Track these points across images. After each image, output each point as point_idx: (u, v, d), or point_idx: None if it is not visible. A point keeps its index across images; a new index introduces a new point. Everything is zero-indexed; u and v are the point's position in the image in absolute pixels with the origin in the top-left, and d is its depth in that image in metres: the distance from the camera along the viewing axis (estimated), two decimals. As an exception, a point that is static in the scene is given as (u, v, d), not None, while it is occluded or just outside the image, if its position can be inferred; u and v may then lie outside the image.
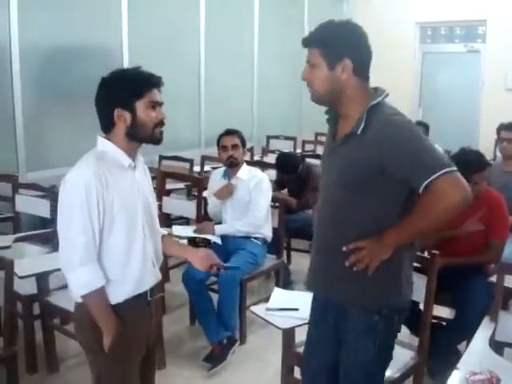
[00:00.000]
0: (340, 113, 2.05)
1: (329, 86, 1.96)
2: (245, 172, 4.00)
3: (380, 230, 1.93)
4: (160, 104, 2.12)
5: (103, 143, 2.07)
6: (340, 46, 1.93)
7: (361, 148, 1.91)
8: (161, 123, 2.11)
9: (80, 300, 2.06)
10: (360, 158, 1.91)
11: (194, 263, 2.28)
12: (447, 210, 1.84)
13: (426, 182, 1.81)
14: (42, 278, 3.25)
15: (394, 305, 2.04)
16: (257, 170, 4.14)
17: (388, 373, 2.31)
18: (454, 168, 1.83)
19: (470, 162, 3.20)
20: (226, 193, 3.97)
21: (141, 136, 2.08)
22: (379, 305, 2.02)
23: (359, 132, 1.90)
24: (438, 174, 1.80)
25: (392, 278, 2.01)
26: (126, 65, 5.59)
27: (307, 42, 1.99)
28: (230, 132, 4.04)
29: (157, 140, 2.13)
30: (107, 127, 2.08)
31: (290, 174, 4.97)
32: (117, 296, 2.06)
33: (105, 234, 2.00)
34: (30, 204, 4.23)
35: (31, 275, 3.15)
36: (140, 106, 2.04)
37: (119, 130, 2.06)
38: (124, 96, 2.03)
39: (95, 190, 1.93)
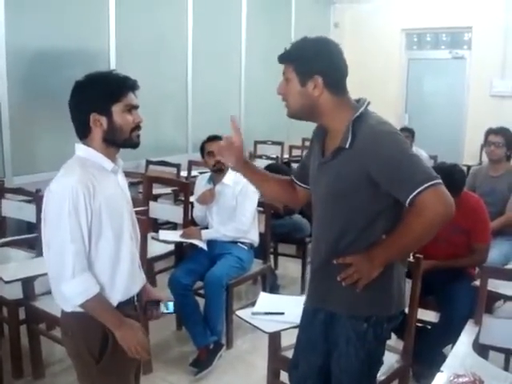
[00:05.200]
0: (325, 127, 2.07)
1: (301, 102, 1.99)
2: (230, 177, 3.99)
3: (368, 245, 1.96)
4: (136, 107, 2.07)
5: (83, 149, 2.04)
6: (311, 63, 1.95)
7: (349, 161, 1.92)
8: (137, 127, 2.07)
9: (67, 309, 2.04)
10: (349, 171, 1.92)
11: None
12: (431, 223, 1.84)
13: (411, 196, 1.82)
14: (27, 282, 3.23)
15: (383, 314, 2.05)
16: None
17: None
18: (439, 180, 1.83)
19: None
20: (207, 197, 3.98)
21: (118, 140, 2.04)
22: (368, 313, 2.03)
23: (347, 146, 1.91)
24: (422, 187, 1.80)
25: (383, 288, 2.02)
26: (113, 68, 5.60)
27: (281, 59, 2.03)
28: (214, 137, 4.02)
29: (134, 144, 2.09)
30: (83, 133, 2.04)
31: None
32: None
33: (93, 241, 1.98)
34: (15, 208, 4.21)
35: (17, 280, 3.13)
36: (116, 110, 2.00)
37: (96, 135, 2.02)
38: (100, 100, 1.99)
39: (82, 197, 1.90)
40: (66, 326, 2.11)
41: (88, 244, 1.96)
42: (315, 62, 1.95)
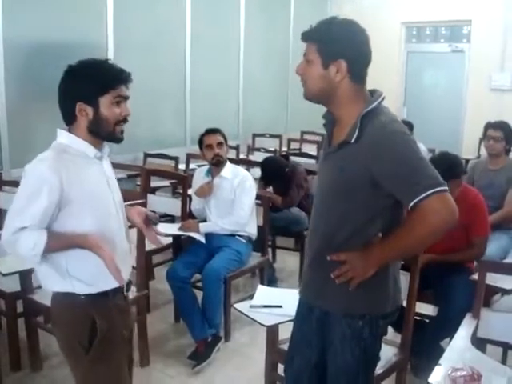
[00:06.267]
0: (334, 115, 2.00)
1: (321, 85, 1.91)
2: (228, 170, 4.00)
3: (363, 243, 1.93)
4: (126, 98, 2.03)
5: (65, 136, 2.02)
6: (337, 45, 1.87)
7: (353, 158, 1.86)
8: (124, 120, 2.03)
9: (53, 288, 2.04)
10: (352, 168, 1.87)
11: (134, 221, 2.24)
12: (435, 229, 1.81)
13: (415, 201, 1.78)
14: (25, 275, 3.23)
15: (378, 313, 2.03)
16: (240, 168, 4.13)
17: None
18: (445, 187, 1.79)
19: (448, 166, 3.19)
20: (205, 190, 3.97)
21: (102, 132, 2.01)
22: (364, 311, 2.00)
23: (353, 141, 1.85)
24: (427, 192, 1.76)
25: (379, 286, 1.99)
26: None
27: (306, 37, 1.93)
28: (213, 130, 4.02)
29: (117, 139, 2.05)
30: (69, 120, 2.02)
31: (276, 179, 4.95)
32: (96, 287, 2.03)
33: (70, 228, 1.94)
34: (13, 201, 4.20)
35: (14, 272, 3.13)
36: (104, 101, 1.97)
37: (81, 124, 2.00)
38: (88, 90, 1.96)
39: (49, 184, 1.88)
40: (56, 315, 2.11)
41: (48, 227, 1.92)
42: (341, 45, 1.87)
